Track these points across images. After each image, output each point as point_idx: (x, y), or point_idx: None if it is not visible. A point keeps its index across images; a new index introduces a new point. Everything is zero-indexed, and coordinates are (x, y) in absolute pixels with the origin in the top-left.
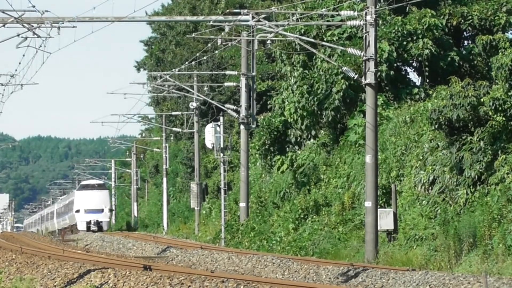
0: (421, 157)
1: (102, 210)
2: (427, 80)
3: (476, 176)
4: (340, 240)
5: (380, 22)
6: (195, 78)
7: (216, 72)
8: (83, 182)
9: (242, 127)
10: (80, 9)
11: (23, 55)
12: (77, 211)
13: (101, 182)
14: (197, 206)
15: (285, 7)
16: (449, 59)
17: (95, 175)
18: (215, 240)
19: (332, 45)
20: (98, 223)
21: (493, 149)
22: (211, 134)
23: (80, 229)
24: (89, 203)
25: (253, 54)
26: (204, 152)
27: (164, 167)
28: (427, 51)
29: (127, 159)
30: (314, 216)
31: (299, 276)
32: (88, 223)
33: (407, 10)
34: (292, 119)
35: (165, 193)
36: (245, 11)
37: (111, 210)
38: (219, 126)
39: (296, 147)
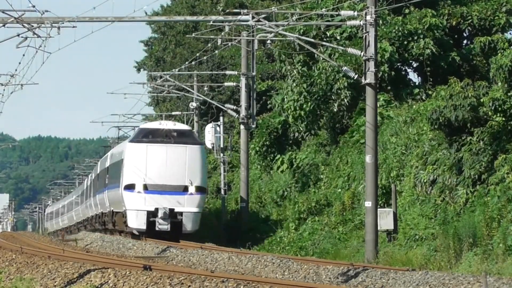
0: (421, 157)
1: (184, 189)
2: (430, 80)
3: (476, 176)
4: (340, 240)
5: (380, 22)
6: (195, 78)
7: (216, 72)
8: (146, 125)
9: (242, 127)
10: (80, 9)
11: (23, 55)
12: (128, 187)
13: (184, 127)
14: None
15: (285, 7)
16: (449, 59)
17: None
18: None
19: (332, 45)
20: (173, 217)
21: (493, 149)
22: (211, 134)
23: (132, 226)
24: (155, 172)
25: (253, 54)
26: None
27: None
28: (428, 51)
29: None
30: (314, 216)
31: (299, 276)
32: (152, 215)
33: (405, 11)
34: (292, 119)
35: None
36: (245, 11)
37: (202, 190)
38: (219, 126)
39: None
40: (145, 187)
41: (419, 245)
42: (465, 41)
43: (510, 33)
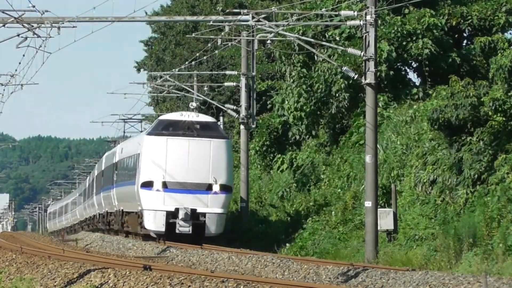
0: (421, 157)
1: (208, 188)
2: (428, 80)
3: (476, 176)
4: (340, 240)
5: (380, 22)
6: (195, 78)
7: (216, 72)
8: (166, 116)
9: (242, 127)
10: (80, 9)
11: (23, 55)
12: (146, 184)
13: (208, 118)
14: None
15: (285, 7)
16: (449, 59)
17: None
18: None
19: (331, 45)
20: (195, 218)
21: (493, 149)
22: None
23: (150, 228)
24: (176, 168)
25: (253, 54)
26: None
27: None
28: (426, 51)
29: None
30: (314, 216)
31: (299, 276)
32: (172, 215)
33: (404, 11)
34: (292, 119)
35: None
36: (245, 11)
37: (227, 189)
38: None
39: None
40: (165, 185)
41: (419, 245)
42: (465, 41)
43: (510, 33)
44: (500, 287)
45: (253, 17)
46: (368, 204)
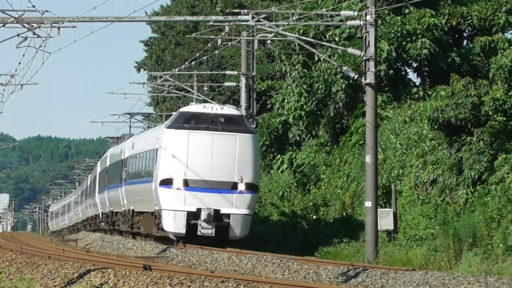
0: (421, 157)
1: (233, 187)
2: (427, 80)
3: (476, 176)
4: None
5: (380, 22)
6: (195, 78)
7: (216, 72)
8: (187, 108)
9: None
10: (80, 9)
11: (23, 55)
12: (165, 182)
13: (234, 111)
14: None
15: (285, 7)
16: (449, 59)
17: None
18: None
19: (331, 45)
20: (218, 219)
21: (493, 149)
22: None
23: (169, 230)
24: (199, 165)
25: (253, 54)
26: None
27: None
28: (425, 51)
29: None
30: (314, 216)
31: (299, 276)
32: (193, 216)
33: (405, 11)
34: (292, 119)
35: None
36: (245, 11)
37: (253, 188)
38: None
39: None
40: (186, 183)
41: (419, 245)
42: (465, 41)
43: (510, 33)
44: (500, 287)
45: (253, 17)
46: (368, 204)
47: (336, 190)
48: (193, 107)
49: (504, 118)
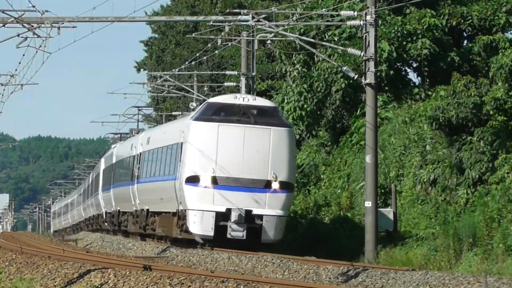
0: (421, 157)
1: (266, 185)
2: (427, 80)
3: (477, 176)
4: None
5: (380, 22)
6: (195, 78)
7: (216, 72)
8: (216, 99)
9: None
10: (80, 9)
11: (23, 55)
12: (191, 180)
13: (268, 103)
14: None
15: (285, 7)
16: (449, 59)
17: None
18: None
19: (331, 45)
20: (250, 221)
21: (494, 149)
22: None
23: (196, 232)
24: (229, 161)
25: (253, 54)
26: None
27: None
28: (425, 51)
29: None
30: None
31: (299, 276)
32: (222, 217)
33: (405, 11)
34: (292, 119)
35: None
36: (245, 11)
37: (289, 187)
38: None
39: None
40: (214, 181)
41: (419, 245)
42: (465, 41)
43: (510, 33)
44: (500, 287)
45: (253, 17)
46: (368, 204)
47: (336, 190)
48: (223, 97)
49: (505, 118)
